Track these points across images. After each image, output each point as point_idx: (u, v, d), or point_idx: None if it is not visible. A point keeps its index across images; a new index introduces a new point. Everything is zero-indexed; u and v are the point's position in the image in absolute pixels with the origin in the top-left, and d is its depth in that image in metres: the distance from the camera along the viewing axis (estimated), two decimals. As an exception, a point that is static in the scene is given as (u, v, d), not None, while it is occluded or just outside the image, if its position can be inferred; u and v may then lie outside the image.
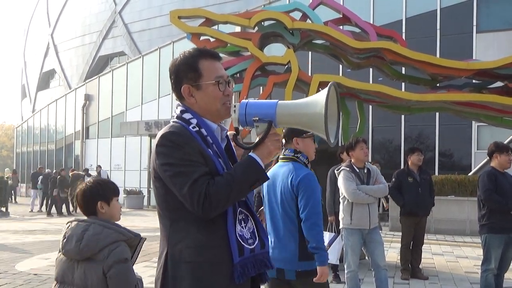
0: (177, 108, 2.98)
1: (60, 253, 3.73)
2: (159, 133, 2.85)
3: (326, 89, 2.79)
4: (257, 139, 2.83)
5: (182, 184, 2.70)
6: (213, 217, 2.73)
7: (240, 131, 3.07)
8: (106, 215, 3.79)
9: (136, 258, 3.81)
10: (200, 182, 2.68)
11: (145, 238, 3.94)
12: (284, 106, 2.84)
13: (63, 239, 3.67)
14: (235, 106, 2.83)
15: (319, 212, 4.73)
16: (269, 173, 4.45)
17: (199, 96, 2.89)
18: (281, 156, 5.01)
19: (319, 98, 2.80)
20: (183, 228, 2.78)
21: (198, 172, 2.70)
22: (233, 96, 3.03)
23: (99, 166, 31.82)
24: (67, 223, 3.81)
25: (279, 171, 4.94)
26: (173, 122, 2.93)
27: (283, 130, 4.96)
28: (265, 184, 4.93)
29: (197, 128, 2.84)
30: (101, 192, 3.80)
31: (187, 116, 2.89)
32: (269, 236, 4.59)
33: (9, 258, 12.18)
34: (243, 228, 2.82)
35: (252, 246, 2.82)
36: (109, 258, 3.54)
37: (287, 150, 4.96)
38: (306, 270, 4.68)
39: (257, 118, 2.79)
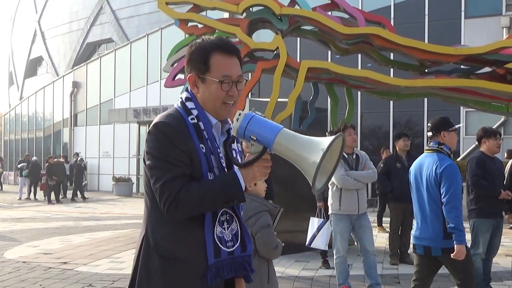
0: (183, 92, 2.88)
1: None
2: (156, 119, 2.75)
3: (331, 138, 2.60)
4: (247, 159, 2.70)
5: (157, 178, 2.64)
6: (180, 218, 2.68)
7: (237, 140, 2.93)
8: (254, 192, 4.57)
9: (276, 224, 4.87)
10: (174, 183, 2.61)
11: (283, 209, 5.01)
12: (285, 137, 2.63)
13: None
14: (239, 114, 2.67)
15: (458, 198, 5.42)
16: (416, 162, 5.87)
17: (202, 89, 2.78)
18: (426, 148, 5.84)
19: (320, 145, 2.59)
20: (162, 217, 2.70)
21: (175, 172, 2.63)
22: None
23: (76, 154, 31.74)
24: None
25: (425, 160, 5.70)
26: (176, 107, 2.82)
27: (428, 124, 5.78)
28: (412, 172, 5.87)
29: (195, 121, 2.75)
30: None
31: (189, 105, 2.79)
32: (415, 218, 5.83)
33: (-2, 246, 12.17)
34: (224, 230, 2.74)
35: (231, 249, 2.73)
36: (256, 224, 4.62)
37: (431, 142, 5.72)
38: (450, 247, 5.35)
39: (255, 138, 2.63)
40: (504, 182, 8.10)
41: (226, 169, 2.78)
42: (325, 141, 2.59)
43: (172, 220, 2.65)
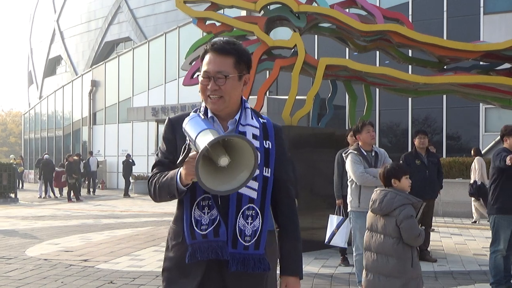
0: None
1: (369, 210, 5.71)
2: None
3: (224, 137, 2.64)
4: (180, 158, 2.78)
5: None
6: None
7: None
8: (398, 187, 5.50)
9: (419, 216, 5.56)
10: (154, 169, 3.02)
11: (425, 203, 5.78)
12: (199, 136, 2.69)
13: (371, 202, 5.63)
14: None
15: None
16: None
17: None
18: None
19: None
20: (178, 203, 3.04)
21: (158, 158, 3.04)
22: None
23: (90, 153, 31.99)
24: (375, 190, 5.75)
25: None
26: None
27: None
28: None
29: (197, 113, 2.99)
30: (394, 172, 5.56)
31: (203, 103, 3.05)
32: None
33: (19, 243, 12.26)
34: (203, 214, 2.88)
35: (204, 232, 2.86)
36: (400, 215, 5.30)
37: None
38: None
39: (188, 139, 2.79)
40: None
41: None
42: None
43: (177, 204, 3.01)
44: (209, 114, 3.00)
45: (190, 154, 2.73)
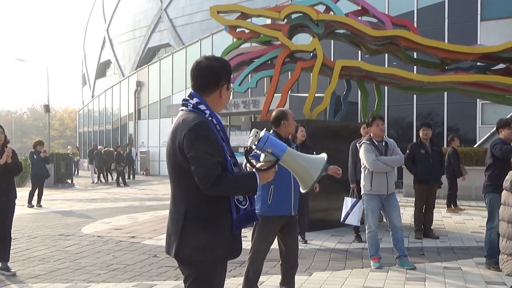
0: (192, 98, 3.23)
1: (503, 189, 6.31)
2: (192, 121, 3.09)
3: (323, 157, 3.42)
4: (264, 166, 3.22)
5: (201, 165, 3.01)
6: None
7: (252, 150, 3.37)
8: None
9: None
10: (214, 169, 3.02)
11: None
12: (290, 153, 3.27)
13: (505, 182, 6.35)
14: (257, 132, 3.20)
15: None
16: None
17: (226, 95, 3.30)
18: None
19: (318, 161, 3.37)
20: (199, 195, 3.10)
21: (215, 160, 3.04)
22: (264, 83, 3.28)
23: (129, 144, 32.16)
24: (509, 172, 6.32)
25: None
26: (192, 111, 3.19)
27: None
28: None
29: (210, 118, 3.16)
30: None
31: (202, 107, 3.18)
32: None
33: (76, 222, 12.40)
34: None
35: (244, 206, 3.22)
36: None
37: None
38: None
39: (270, 151, 3.21)
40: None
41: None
42: (320, 159, 3.38)
43: (206, 196, 3.08)
44: (219, 118, 3.26)
45: (268, 166, 3.22)
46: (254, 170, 3.20)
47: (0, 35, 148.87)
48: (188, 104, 3.22)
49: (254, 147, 3.21)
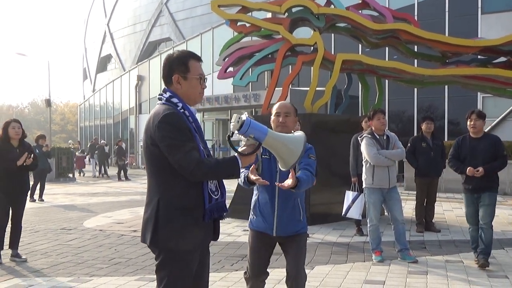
0: (165, 92, 3.35)
1: None
2: (162, 112, 3.20)
3: (301, 135, 3.47)
4: (246, 151, 3.31)
5: (178, 151, 3.12)
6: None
7: (233, 137, 3.41)
8: None
9: None
10: (193, 153, 3.13)
11: None
12: (272, 135, 3.34)
13: None
14: (239, 118, 3.27)
15: None
16: None
17: (185, 85, 3.33)
18: None
19: (299, 139, 3.42)
20: (172, 183, 3.21)
21: (190, 146, 3.16)
22: (265, 77, 3.28)
23: (120, 140, 32.02)
24: None
25: None
26: (164, 103, 3.30)
27: None
28: None
29: (182, 110, 3.28)
30: None
31: (174, 100, 3.29)
32: None
33: (77, 216, 12.40)
34: (211, 183, 3.29)
35: (216, 197, 3.32)
36: None
37: None
38: None
39: (252, 136, 3.27)
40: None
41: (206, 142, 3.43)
42: (299, 137, 3.44)
43: (179, 183, 3.18)
44: (193, 110, 3.39)
45: (249, 150, 3.31)
46: (236, 154, 3.30)
47: (1, 29, 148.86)
48: (162, 97, 3.35)
49: (236, 132, 3.28)
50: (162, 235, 3.19)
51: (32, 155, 7.82)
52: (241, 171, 3.34)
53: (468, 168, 6.93)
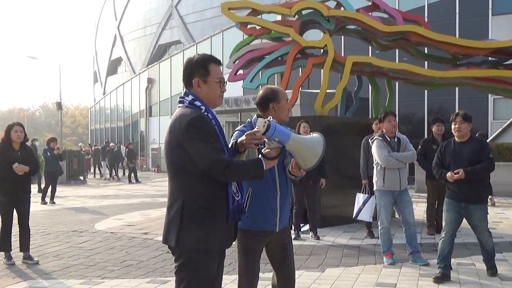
0: (187, 96, 3.39)
1: None
2: (189, 115, 3.23)
3: (319, 136, 3.54)
4: (270, 154, 3.37)
5: (209, 153, 3.17)
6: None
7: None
8: None
9: None
10: (222, 155, 3.20)
11: None
12: (294, 137, 3.42)
13: None
14: (265, 122, 3.32)
15: None
16: None
17: (205, 88, 3.38)
18: None
19: (318, 140, 3.52)
20: (195, 184, 3.25)
21: (219, 147, 3.23)
22: (275, 79, 3.29)
23: (118, 143, 32.23)
24: None
25: None
26: (188, 106, 3.34)
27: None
28: None
29: (206, 113, 3.32)
30: None
31: (197, 103, 3.34)
32: None
33: (89, 219, 12.45)
34: (232, 185, 3.33)
35: (238, 198, 3.37)
36: None
37: None
38: None
39: (277, 140, 3.35)
40: None
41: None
42: (319, 138, 3.52)
43: (203, 185, 3.22)
44: (214, 112, 3.42)
45: (274, 153, 3.37)
46: (260, 156, 3.35)
47: (12, 33, 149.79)
48: (184, 101, 3.38)
49: (263, 136, 3.33)
50: (188, 236, 3.23)
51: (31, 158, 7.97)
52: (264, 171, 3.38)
53: (448, 174, 6.50)
